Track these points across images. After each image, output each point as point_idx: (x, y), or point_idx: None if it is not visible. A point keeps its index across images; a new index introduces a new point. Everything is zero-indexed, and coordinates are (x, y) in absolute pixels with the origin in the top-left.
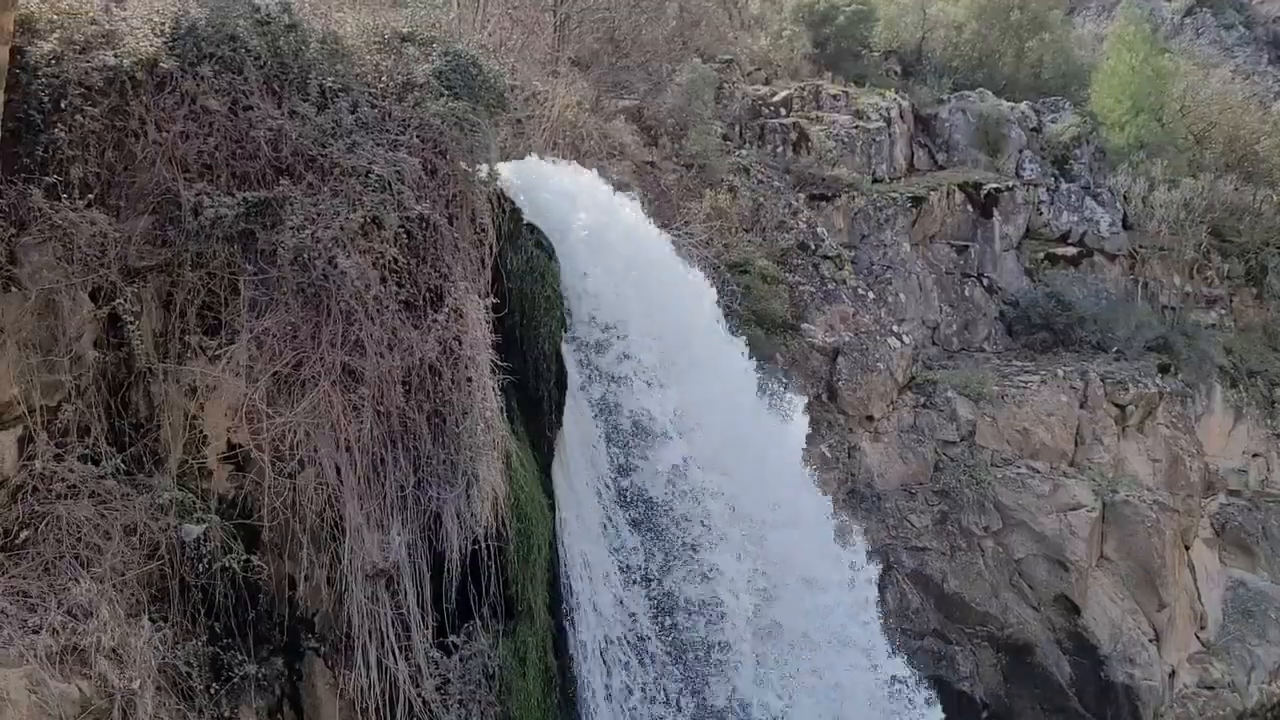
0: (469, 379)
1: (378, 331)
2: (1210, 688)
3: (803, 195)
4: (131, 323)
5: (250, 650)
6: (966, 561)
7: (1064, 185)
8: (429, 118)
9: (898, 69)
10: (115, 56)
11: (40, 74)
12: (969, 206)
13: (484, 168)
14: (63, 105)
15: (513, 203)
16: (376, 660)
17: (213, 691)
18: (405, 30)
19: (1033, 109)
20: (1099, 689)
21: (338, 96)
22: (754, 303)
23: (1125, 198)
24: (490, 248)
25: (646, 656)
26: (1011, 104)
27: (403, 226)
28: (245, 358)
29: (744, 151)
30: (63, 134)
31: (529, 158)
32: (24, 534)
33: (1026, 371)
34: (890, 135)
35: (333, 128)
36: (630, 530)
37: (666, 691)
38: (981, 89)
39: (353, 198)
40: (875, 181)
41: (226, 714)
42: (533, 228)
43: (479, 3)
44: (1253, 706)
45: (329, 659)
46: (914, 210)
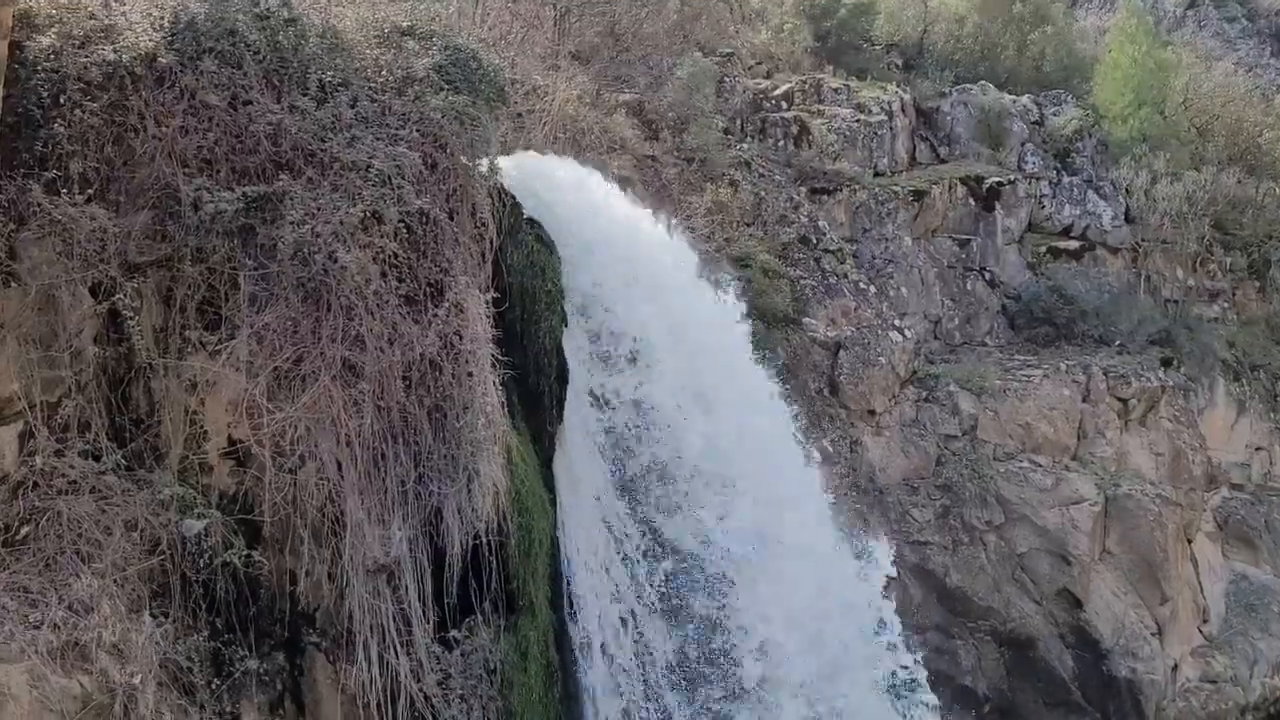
0: (470, 374)
1: (378, 326)
2: (1213, 681)
3: (804, 189)
4: (131, 318)
5: (252, 645)
6: (968, 556)
7: (1066, 179)
8: (429, 112)
9: (899, 62)
10: (114, 51)
11: (39, 69)
12: (971, 200)
13: (484, 162)
14: (62, 100)
15: (513, 197)
16: (378, 655)
17: (214, 687)
18: (405, 24)
19: (1035, 102)
20: (1101, 683)
21: (337, 91)
22: (755, 297)
23: (1127, 191)
24: (491, 242)
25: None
26: (1013, 97)
27: (403, 221)
28: (245, 353)
29: (745, 145)
30: (62, 129)
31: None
32: (25, 530)
33: (1029, 365)
34: (892, 129)
35: (332, 122)
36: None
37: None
38: (983, 82)
39: (353, 192)
40: (877, 175)
41: (228, 709)
42: (533, 222)
43: None
44: (1255, 700)
45: (330, 654)
46: (916, 204)
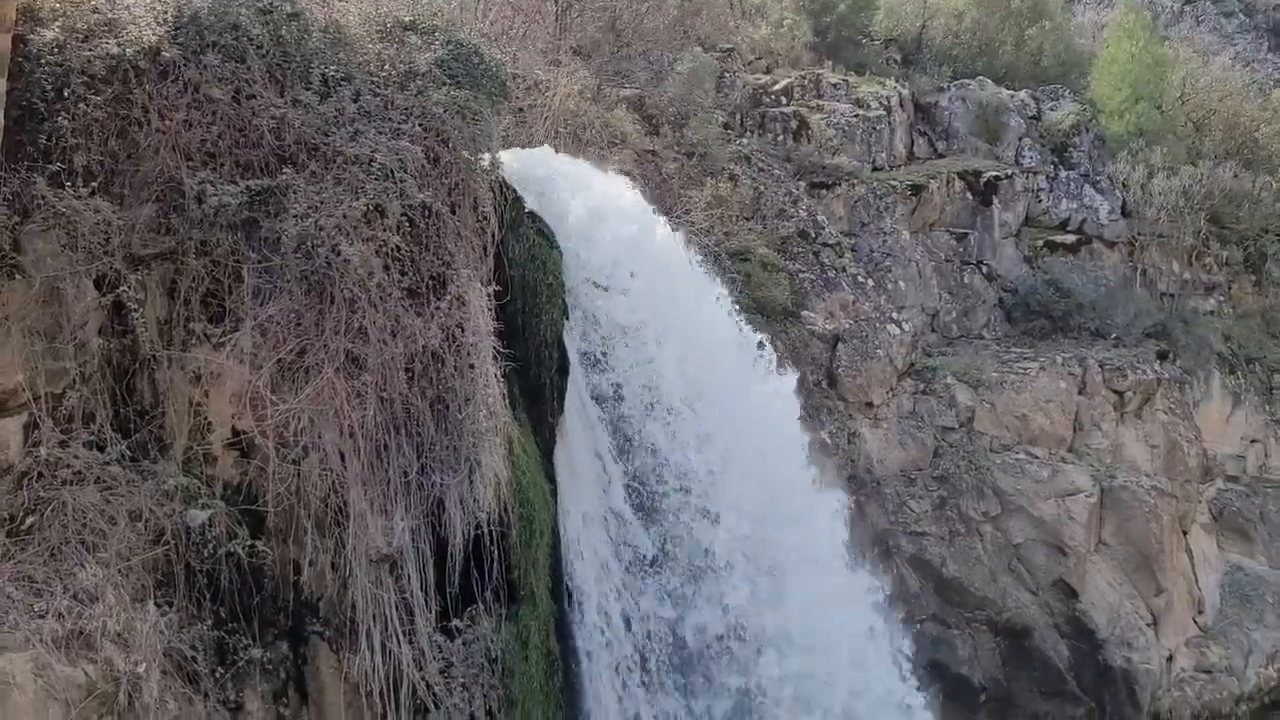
0: (471, 366)
1: (381, 319)
2: (1208, 671)
3: (803, 183)
4: (135, 310)
5: (255, 635)
6: (965, 546)
7: (1063, 173)
8: (431, 106)
9: (898, 57)
10: (118, 45)
11: (43, 62)
12: (968, 194)
13: (486, 156)
14: (66, 94)
15: (515, 191)
16: (380, 644)
17: (218, 675)
18: (407, 19)
19: (1032, 97)
20: (1097, 672)
21: (340, 85)
22: (754, 290)
23: (1124, 185)
24: (492, 235)
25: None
26: (1011, 92)
27: (405, 214)
28: (249, 345)
29: (745, 140)
30: (66, 122)
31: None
32: (30, 520)
33: (1025, 358)
34: (890, 123)
35: (335, 116)
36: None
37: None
38: (981, 77)
39: (356, 186)
40: (875, 170)
41: (232, 697)
42: (534, 215)
43: None
44: (1250, 690)
45: (333, 643)
46: (914, 198)
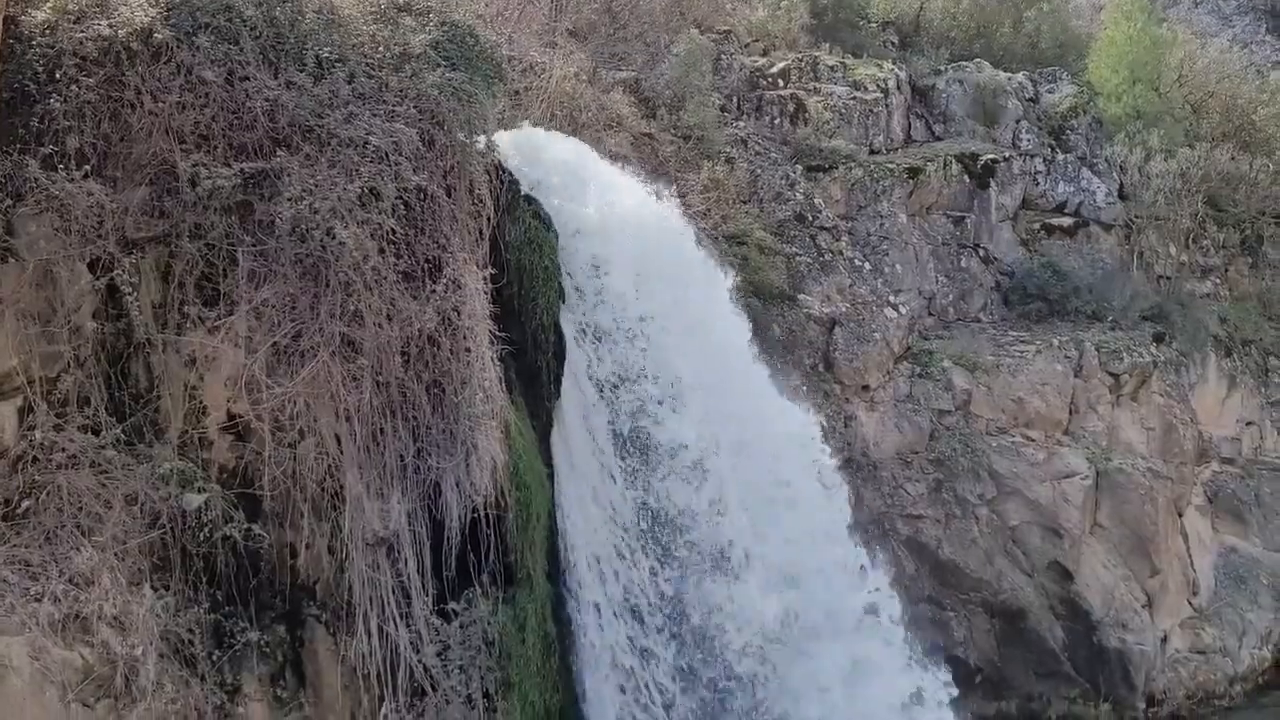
0: (467, 349)
1: (376, 302)
2: (1202, 652)
3: (800, 167)
4: (130, 294)
5: (252, 618)
6: (961, 529)
7: (1060, 156)
8: (426, 89)
9: (895, 40)
10: (110, 26)
11: (35, 44)
12: (965, 177)
13: (481, 139)
14: (58, 75)
15: (511, 174)
16: (377, 627)
17: (215, 658)
18: (402, 0)
19: (1030, 79)
20: (1091, 654)
21: (334, 67)
22: (751, 274)
23: (1121, 168)
24: (488, 219)
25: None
26: (1009, 75)
27: (400, 198)
28: (244, 328)
29: (741, 123)
30: (58, 104)
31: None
32: (25, 503)
33: (1022, 341)
34: (887, 106)
35: (329, 98)
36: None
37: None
38: (979, 60)
39: (350, 169)
40: (872, 153)
41: (229, 680)
42: (530, 199)
43: None
44: (1243, 671)
45: (330, 626)
46: (911, 181)
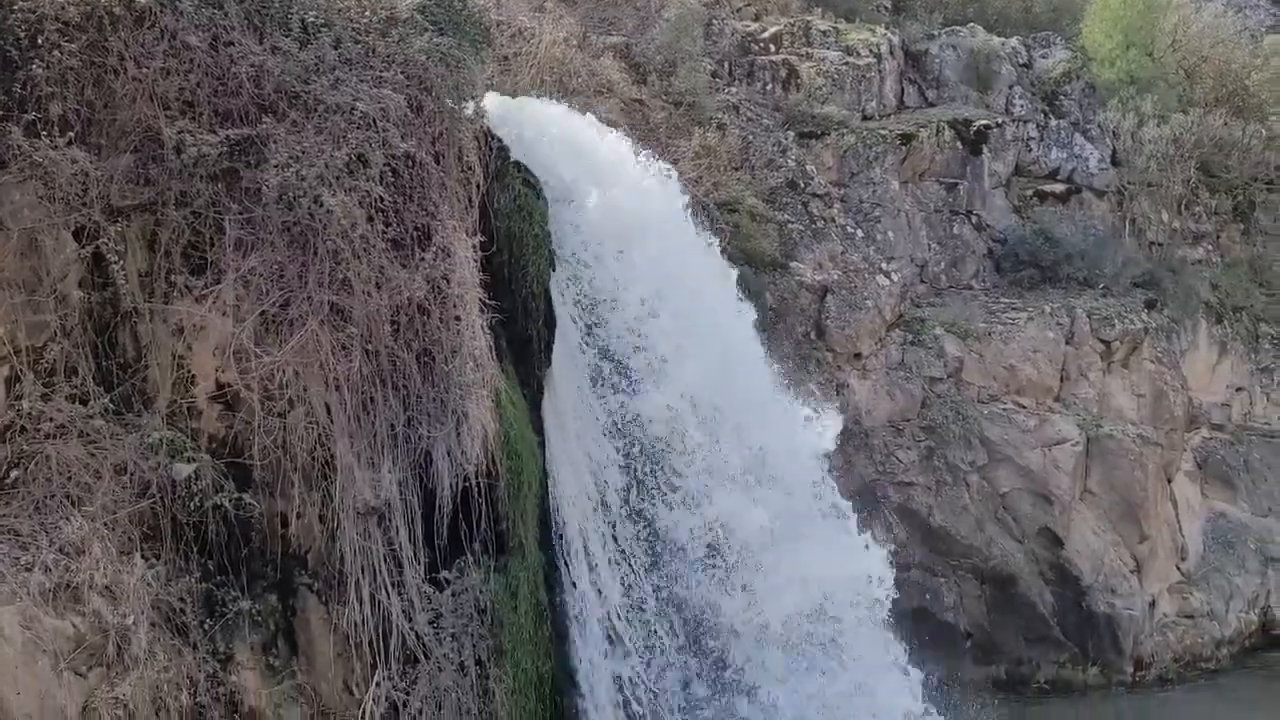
0: (457, 317)
1: (365, 270)
2: (1190, 617)
3: (792, 133)
4: (116, 262)
5: (244, 587)
6: (952, 496)
7: (1054, 122)
8: (413, 54)
9: (888, 4)
10: None
11: (15, 9)
12: (958, 144)
13: (470, 105)
14: (40, 41)
15: (500, 140)
16: (370, 596)
17: (207, 627)
18: None
19: (1023, 44)
20: (1080, 618)
21: (320, 32)
22: (743, 241)
23: (1114, 134)
24: (477, 186)
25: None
26: (1002, 39)
27: (388, 164)
28: (232, 297)
29: (733, 89)
30: (40, 70)
31: None
32: (14, 473)
33: (1014, 308)
34: (880, 72)
35: (315, 64)
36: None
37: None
38: (972, 24)
39: (337, 135)
40: (865, 119)
41: (221, 649)
42: (520, 165)
43: None
44: (1230, 634)
45: (322, 595)
46: (903, 148)
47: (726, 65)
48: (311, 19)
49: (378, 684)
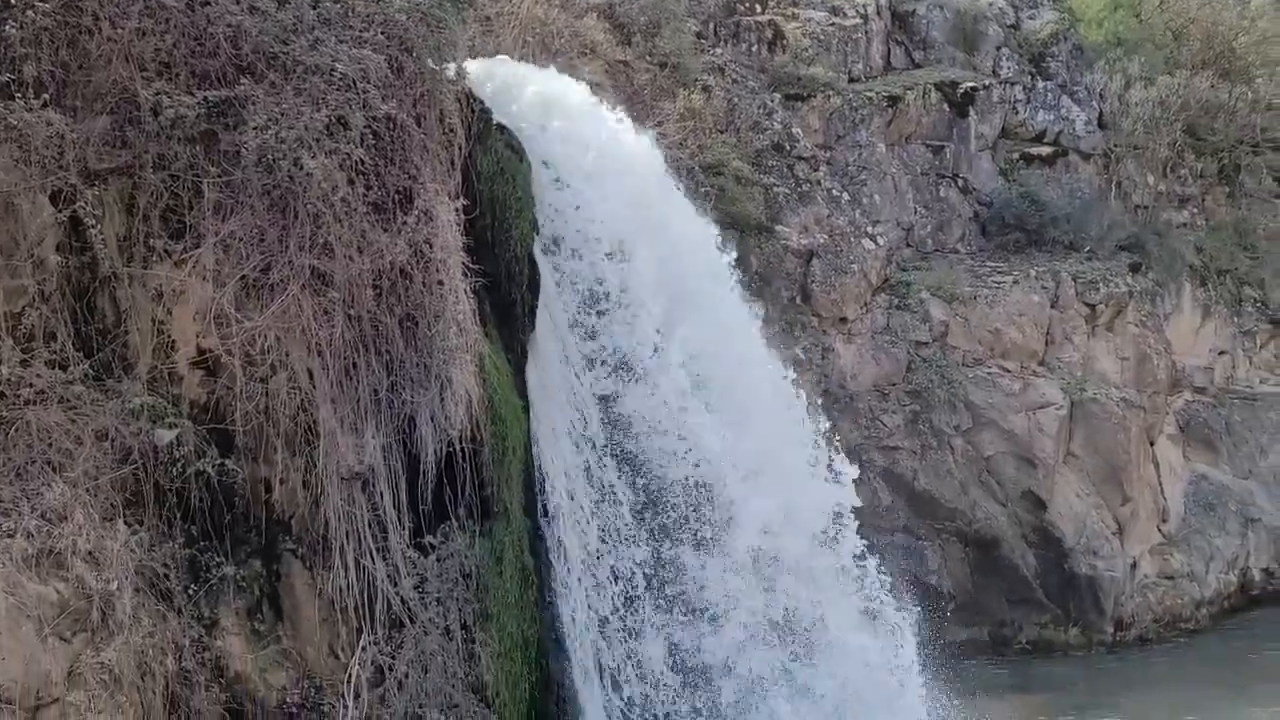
0: (440, 282)
1: (346, 234)
2: (1170, 578)
3: (778, 95)
4: (93, 226)
5: (228, 552)
6: (936, 460)
7: (1041, 83)
8: (393, 14)
9: None
10: None
11: None
12: (945, 106)
13: (452, 66)
14: (12, 1)
15: (482, 103)
16: (354, 561)
17: (191, 592)
18: None
19: (1010, 5)
20: (1062, 580)
21: None
22: (728, 205)
23: (1101, 96)
24: (459, 149)
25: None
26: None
27: (369, 127)
28: (212, 261)
29: (718, 50)
30: (14, 30)
31: None
32: None
33: (999, 272)
34: (867, 33)
35: (294, 24)
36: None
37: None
38: None
39: (317, 97)
40: (851, 81)
41: (206, 614)
42: (502, 128)
43: None
44: (1210, 595)
45: (307, 560)
46: (890, 110)
47: (711, 26)
48: None
49: (363, 648)
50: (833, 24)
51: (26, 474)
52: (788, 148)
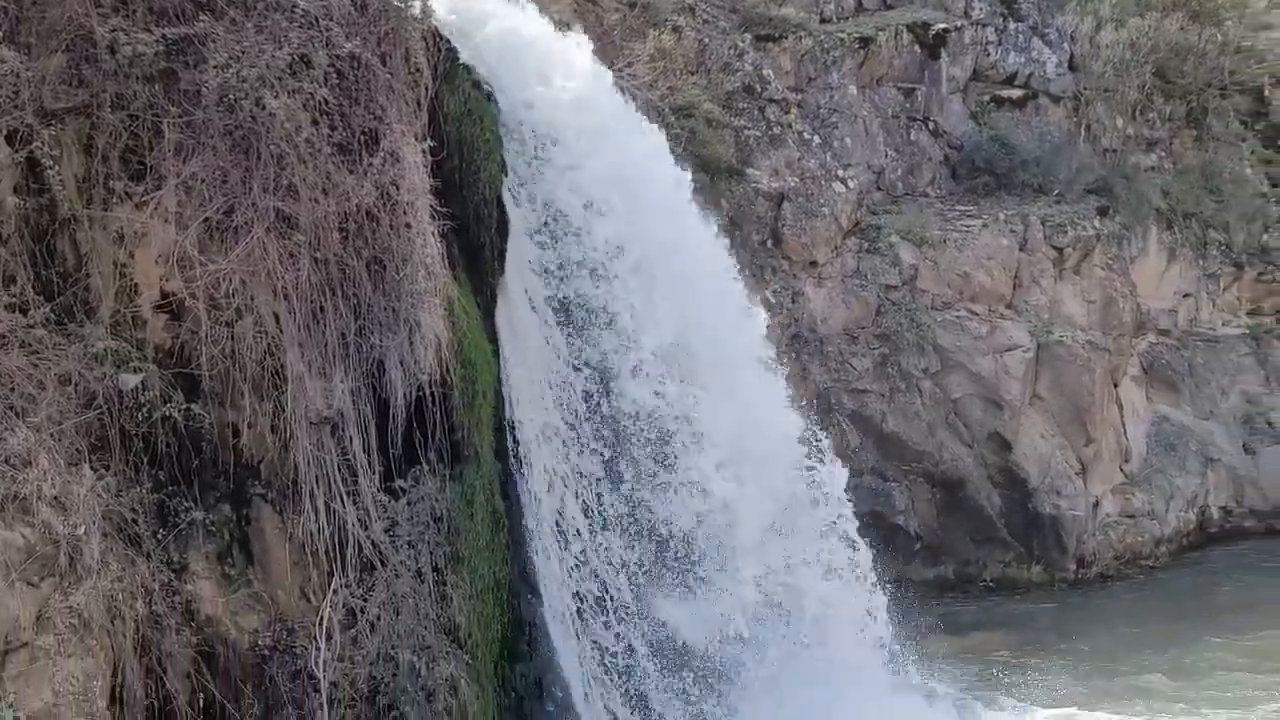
0: (408, 225)
1: (311, 176)
2: (1131, 516)
3: (749, 36)
4: (51, 167)
5: (196, 497)
6: (905, 402)
7: (1012, 25)
8: None
9: None
10: None
11: None
12: (916, 47)
13: (417, 3)
14: None
15: (448, 41)
16: (324, 505)
17: (160, 537)
18: None
19: None
20: (1026, 519)
21: None
22: (699, 147)
23: (1072, 38)
24: (426, 88)
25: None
26: None
27: (333, 66)
28: (174, 203)
29: None
30: None
31: None
32: None
33: (969, 216)
34: None
35: None
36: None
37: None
38: None
39: (278, 35)
40: (823, 21)
41: (175, 559)
42: (469, 68)
43: None
44: (1169, 533)
45: (277, 504)
46: (861, 52)
47: None
48: None
49: (335, 591)
50: None
51: None
52: (759, 90)
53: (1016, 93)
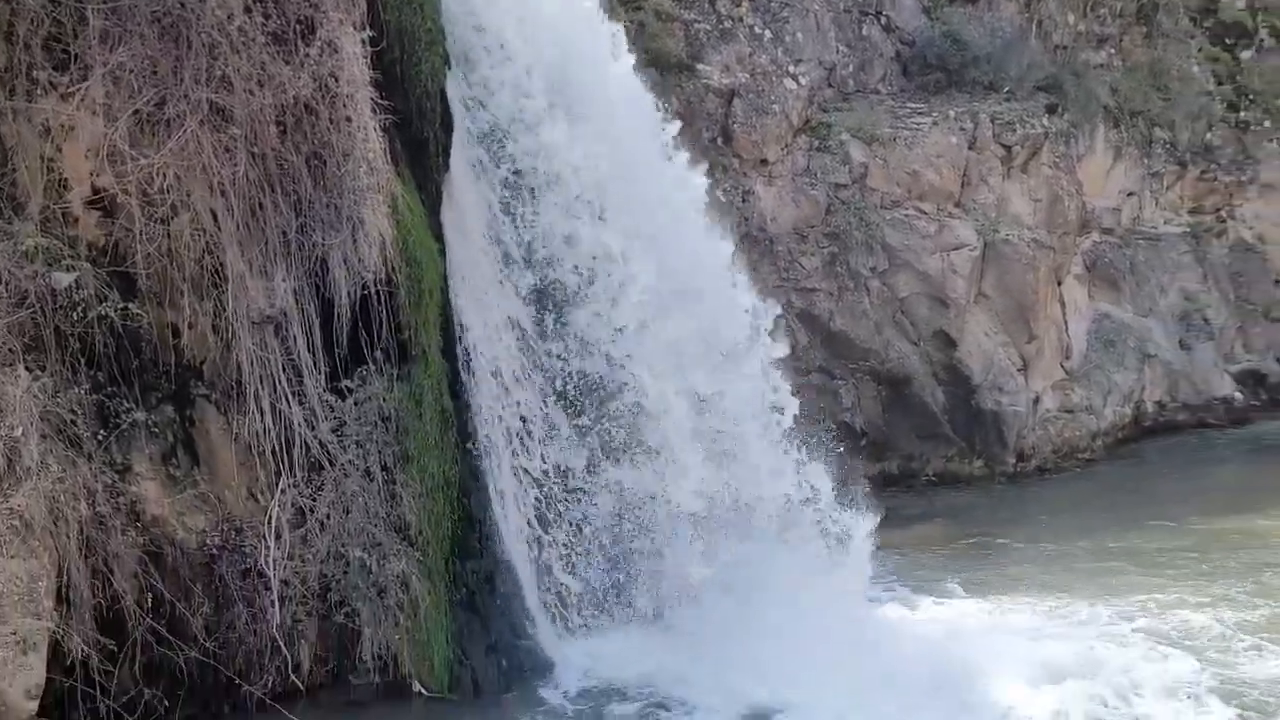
0: (348, 119)
1: (245, 66)
2: (1070, 411)
3: None
4: None
5: (137, 399)
6: (853, 301)
7: None
8: None
9: None
10: None
11: None
12: None
13: None
14: None
15: None
16: (270, 405)
17: (101, 438)
18: None
19: None
20: (969, 415)
21: None
22: (648, 41)
23: None
24: None
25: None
26: None
27: None
28: (101, 95)
29: None
30: None
31: None
32: None
33: (919, 113)
34: None
35: None
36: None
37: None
38: None
39: None
40: None
41: (118, 460)
42: None
43: None
44: (1106, 427)
45: (221, 405)
46: None
47: None
48: None
49: (283, 491)
50: None
51: None
52: None
53: None
